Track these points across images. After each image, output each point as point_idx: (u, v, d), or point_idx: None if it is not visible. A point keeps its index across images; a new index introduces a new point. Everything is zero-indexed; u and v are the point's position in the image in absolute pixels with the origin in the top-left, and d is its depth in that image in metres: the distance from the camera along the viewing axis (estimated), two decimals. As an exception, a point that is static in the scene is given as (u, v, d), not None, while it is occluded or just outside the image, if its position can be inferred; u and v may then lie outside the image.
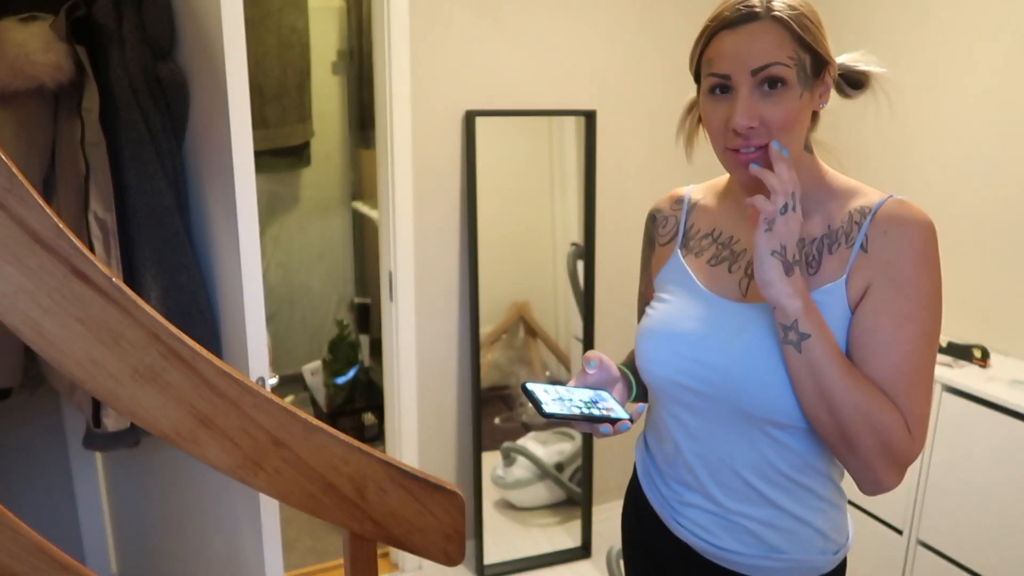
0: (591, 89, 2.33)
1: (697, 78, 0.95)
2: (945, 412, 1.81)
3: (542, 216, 2.45)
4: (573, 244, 2.44)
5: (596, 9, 2.29)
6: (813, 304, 0.85)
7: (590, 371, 0.97)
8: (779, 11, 0.85)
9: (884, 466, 0.84)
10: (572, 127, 2.36)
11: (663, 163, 2.48)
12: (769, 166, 0.88)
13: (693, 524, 1.00)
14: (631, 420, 0.91)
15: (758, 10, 0.86)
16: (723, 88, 0.89)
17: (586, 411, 0.90)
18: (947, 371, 1.85)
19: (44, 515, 2.08)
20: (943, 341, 1.95)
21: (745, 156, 0.89)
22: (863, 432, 0.83)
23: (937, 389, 1.82)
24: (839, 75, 0.95)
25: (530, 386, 0.91)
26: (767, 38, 0.85)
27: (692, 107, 1.06)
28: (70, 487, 2.11)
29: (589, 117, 2.31)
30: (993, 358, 1.93)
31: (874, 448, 0.83)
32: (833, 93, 0.95)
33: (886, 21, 2.21)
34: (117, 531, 2.18)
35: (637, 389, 1.07)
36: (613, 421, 0.91)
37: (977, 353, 1.88)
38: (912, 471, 1.87)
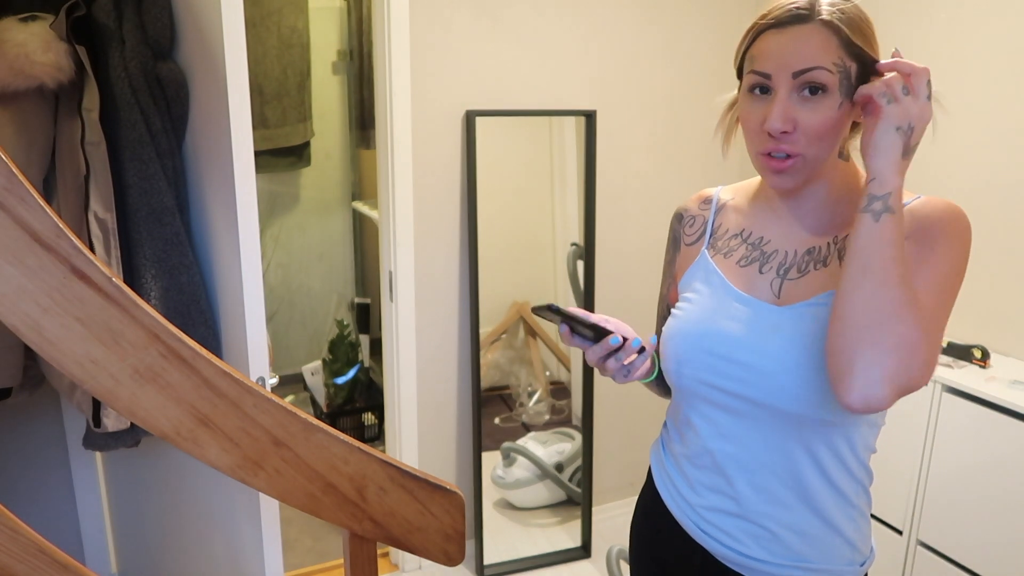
0: (591, 89, 2.34)
1: (740, 74, 0.94)
2: (945, 412, 1.81)
3: (542, 216, 2.45)
4: (573, 244, 2.44)
5: (596, 9, 2.29)
6: (901, 198, 0.82)
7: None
8: (829, 15, 0.84)
9: (894, 369, 0.78)
10: (572, 127, 2.36)
11: (663, 163, 2.48)
12: (797, 173, 0.88)
13: (718, 531, 0.98)
14: (642, 344, 0.93)
15: (807, 12, 0.84)
16: (763, 88, 0.88)
17: (593, 323, 0.92)
18: (947, 371, 1.84)
19: (44, 515, 2.08)
20: (943, 341, 1.95)
21: (777, 163, 0.88)
22: (898, 320, 0.78)
23: (937, 389, 1.82)
24: None
25: (537, 305, 0.92)
26: (813, 41, 0.83)
27: (733, 104, 1.04)
28: (70, 487, 2.11)
29: (589, 117, 2.31)
30: (993, 358, 1.93)
31: (898, 343, 0.78)
32: None
33: (887, 22, 2.21)
34: (117, 531, 2.18)
35: (659, 371, 1.07)
36: (624, 339, 0.92)
37: (977, 353, 1.88)
38: (912, 471, 1.87)
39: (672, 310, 1.05)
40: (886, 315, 0.78)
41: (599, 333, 0.93)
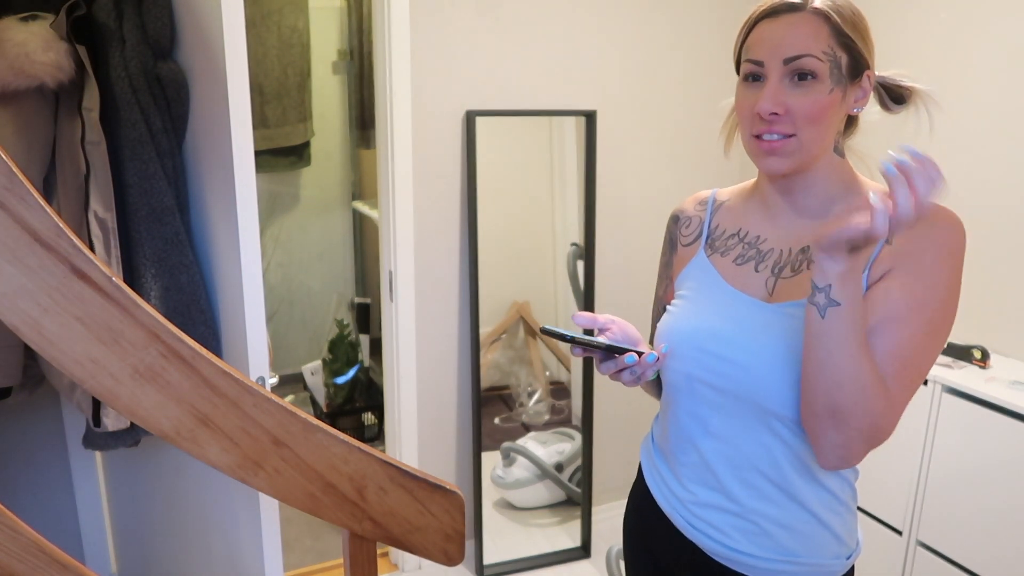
0: (591, 89, 2.33)
1: (738, 68, 0.96)
2: (945, 412, 1.81)
3: (542, 216, 2.45)
4: (573, 244, 2.44)
5: (597, 9, 2.29)
6: (857, 279, 0.80)
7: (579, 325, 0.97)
8: (821, 4, 0.87)
9: (862, 446, 0.84)
10: (572, 127, 2.36)
11: (663, 163, 2.48)
12: (789, 156, 0.89)
13: (708, 526, 0.99)
14: (657, 357, 0.93)
15: (801, 1, 0.87)
16: (756, 76, 0.90)
17: (608, 343, 0.92)
18: (947, 371, 1.84)
19: (44, 515, 2.08)
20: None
21: (768, 144, 0.89)
22: (858, 414, 0.82)
23: (937, 389, 1.82)
24: (882, 87, 0.96)
25: (548, 327, 0.91)
26: (804, 29, 0.86)
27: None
28: (70, 487, 2.10)
29: (589, 117, 2.31)
30: (993, 358, 1.93)
31: (863, 430, 0.83)
32: (877, 107, 0.96)
33: (885, 23, 2.21)
34: (117, 531, 2.18)
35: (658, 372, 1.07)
36: (639, 354, 0.92)
37: (977, 353, 1.88)
38: (912, 471, 1.87)
39: (667, 307, 1.06)
40: (847, 407, 0.82)
41: (614, 350, 0.93)
